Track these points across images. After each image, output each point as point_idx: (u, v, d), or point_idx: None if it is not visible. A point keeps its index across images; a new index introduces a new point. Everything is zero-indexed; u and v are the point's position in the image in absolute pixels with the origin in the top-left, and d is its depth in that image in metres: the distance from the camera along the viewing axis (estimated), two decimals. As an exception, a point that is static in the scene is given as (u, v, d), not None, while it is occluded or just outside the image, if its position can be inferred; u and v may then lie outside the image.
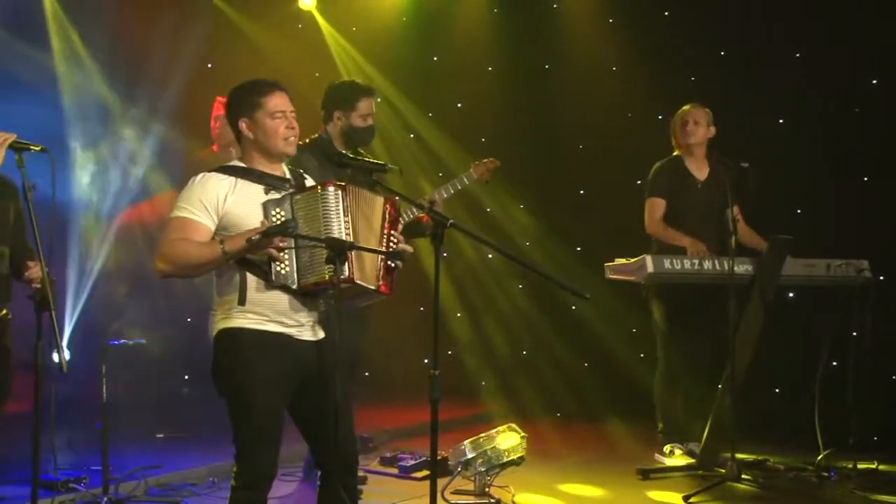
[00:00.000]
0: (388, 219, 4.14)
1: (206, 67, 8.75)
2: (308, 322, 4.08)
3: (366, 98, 5.77)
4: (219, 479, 6.05)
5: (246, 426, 3.97)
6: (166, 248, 3.96)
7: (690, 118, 6.65)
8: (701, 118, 6.66)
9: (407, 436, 7.54)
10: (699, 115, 6.66)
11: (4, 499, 5.49)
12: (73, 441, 6.59)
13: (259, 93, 4.09)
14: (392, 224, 4.15)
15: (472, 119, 9.44)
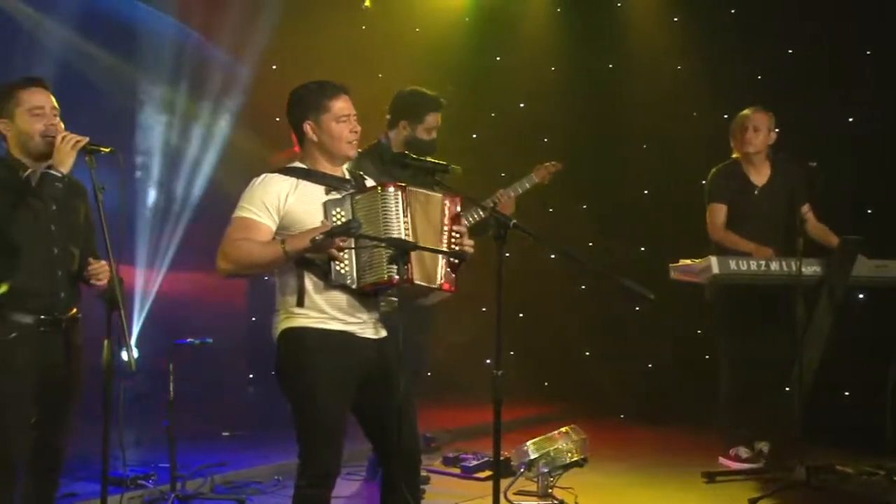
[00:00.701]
0: (448, 214, 4.14)
1: (271, 69, 8.83)
2: (369, 320, 4.09)
3: (434, 112, 5.78)
4: (284, 478, 6.09)
5: (309, 425, 4.00)
6: (228, 248, 4.00)
7: (750, 124, 6.52)
8: (761, 123, 6.52)
9: (469, 436, 7.54)
10: (760, 120, 6.52)
11: (75, 495, 5.58)
12: (141, 438, 6.69)
13: (326, 95, 4.12)
14: (453, 220, 4.15)
15: (534, 119, 9.42)
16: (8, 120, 4.22)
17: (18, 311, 4.15)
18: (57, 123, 4.23)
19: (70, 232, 4.29)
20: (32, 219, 4.14)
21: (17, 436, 4.16)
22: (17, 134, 4.22)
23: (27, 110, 4.20)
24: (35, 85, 4.26)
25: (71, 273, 4.29)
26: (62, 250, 4.25)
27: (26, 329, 4.16)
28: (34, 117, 4.20)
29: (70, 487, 5.55)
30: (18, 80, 4.29)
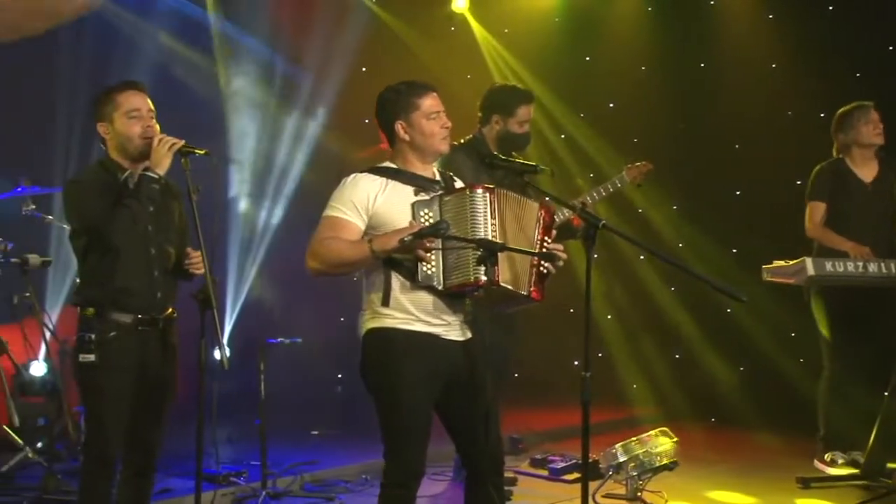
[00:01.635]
0: (542, 224, 4.12)
1: (361, 71, 8.91)
2: (455, 322, 4.09)
3: (525, 105, 5.76)
4: (371, 477, 6.14)
5: (394, 425, 4.02)
6: (317, 247, 4.03)
7: (875, 117, 6.41)
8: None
9: (557, 438, 7.50)
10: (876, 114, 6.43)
11: (170, 490, 5.69)
12: (233, 436, 6.80)
13: (415, 94, 4.13)
14: (546, 230, 4.12)
15: (624, 119, 9.34)
16: (107, 123, 4.32)
17: (117, 310, 4.25)
18: (153, 126, 4.32)
19: (166, 232, 4.38)
20: (130, 220, 4.22)
21: (115, 432, 4.26)
22: (115, 136, 4.31)
23: (125, 113, 4.29)
24: (132, 88, 4.35)
25: (167, 273, 4.37)
26: (159, 250, 4.34)
27: (125, 328, 4.25)
28: (132, 120, 4.28)
29: (165, 483, 5.67)
30: (117, 84, 4.38)
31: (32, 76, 7.47)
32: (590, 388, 3.83)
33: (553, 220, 4.18)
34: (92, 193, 4.23)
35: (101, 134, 4.34)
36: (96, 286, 4.25)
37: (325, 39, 8.57)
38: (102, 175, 4.31)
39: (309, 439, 7.28)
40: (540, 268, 4.06)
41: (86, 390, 4.33)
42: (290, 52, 8.59)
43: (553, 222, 4.18)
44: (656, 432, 5.88)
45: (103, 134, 4.34)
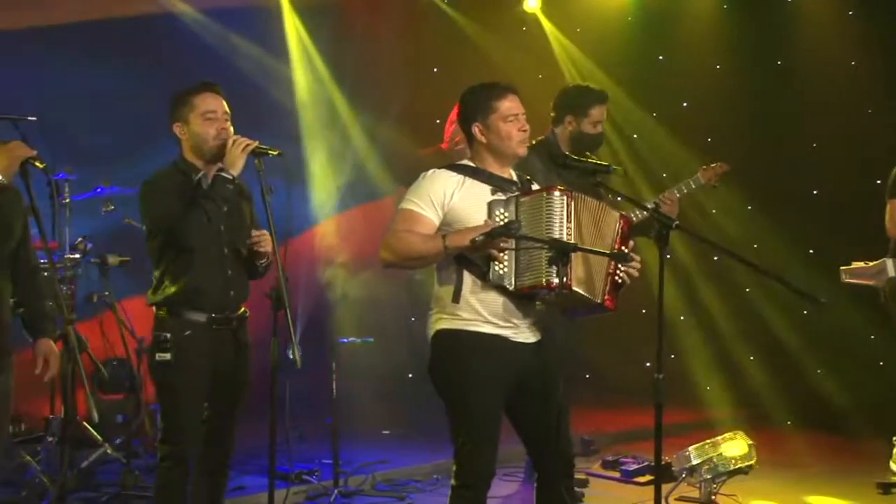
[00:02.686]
0: (620, 234, 4.09)
1: (433, 72, 8.92)
2: (523, 324, 4.08)
3: (599, 105, 5.71)
4: (442, 477, 6.15)
5: (463, 426, 4.01)
6: (391, 239, 4.05)
7: None
8: None
9: (629, 439, 7.45)
10: None
11: (243, 488, 5.76)
12: (305, 435, 6.86)
13: (493, 96, 4.12)
14: (623, 241, 4.09)
15: (698, 118, 9.23)
16: (182, 124, 4.39)
17: (192, 309, 4.31)
18: (228, 127, 4.37)
19: (238, 232, 4.43)
20: (205, 219, 4.28)
21: (190, 430, 4.32)
22: (190, 137, 4.38)
23: (200, 114, 4.35)
24: (208, 90, 4.41)
25: (240, 272, 4.43)
26: (231, 250, 4.39)
27: (199, 327, 4.31)
28: (207, 121, 4.34)
29: (239, 480, 5.74)
30: (193, 85, 4.44)
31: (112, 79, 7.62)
32: (663, 389, 3.79)
33: (630, 229, 4.15)
34: (166, 194, 4.30)
35: (177, 134, 4.41)
36: (171, 286, 4.31)
37: (397, 40, 8.61)
38: (176, 176, 4.38)
39: (380, 438, 7.31)
40: (615, 276, 4.03)
41: (161, 389, 4.41)
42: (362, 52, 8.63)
43: (630, 232, 4.14)
44: (731, 435, 5.81)
45: (179, 134, 4.41)
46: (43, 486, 5.47)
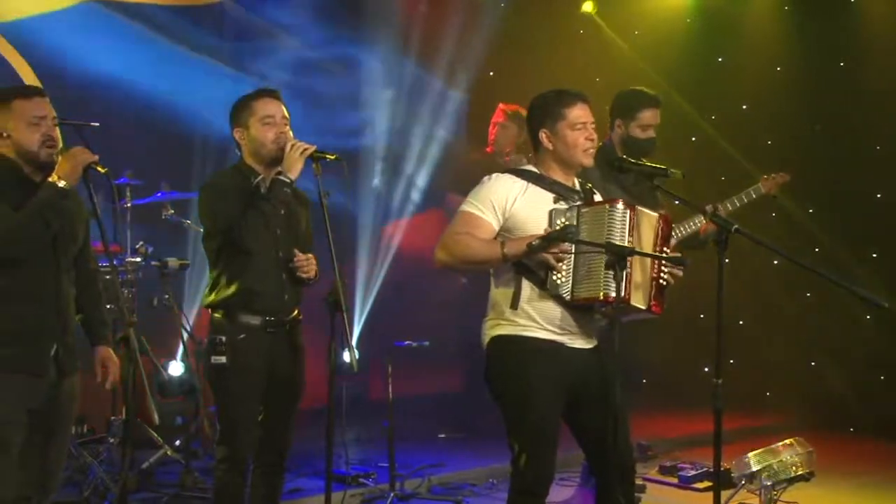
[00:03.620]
0: (660, 235, 4.07)
1: (488, 76, 8.92)
2: (579, 331, 4.06)
3: (647, 109, 5.64)
4: (498, 481, 6.14)
5: (520, 432, 4.01)
6: (449, 240, 4.05)
7: None
8: None
9: (687, 445, 7.37)
10: None
11: (300, 490, 5.79)
12: (361, 437, 6.88)
13: (562, 103, 4.11)
14: (664, 241, 4.07)
15: (757, 121, 9.13)
16: (242, 129, 4.44)
17: (246, 312, 4.35)
18: (287, 131, 4.41)
19: (294, 237, 4.47)
20: (262, 222, 4.31)
21: (247, 432, 4.36)
22: (250, 141, 4.42)
23: (259, 119, 4.39)
24: (268, 95, 4.46)
25: (294, 277, 4.46)
26: (287, 254, 4.42)
27: (254, 330, 4.35)
28: (265, 126, 4.38)
29: (295, 483, 5.77)
30: (254, 91, 4.51)
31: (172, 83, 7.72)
32: (721, 395, 3.75)
33: (670, 230, 4.12)
34: (225, 196, 4.35)
35: (237, 139, 4.47)
36: (226, 288, 4.36)
37: (454, 43, 8.62)
38: (236, 179, 4.43)
39: (436, 442, 7.32)
40: (659, 279, 4.00)
41: (218, 391, 4.45)
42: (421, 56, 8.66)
43: (670, 233, 4.12)
44: (791, 441, 5.72)
45: (238, 139, 4.46)
46: (105, 487, 5.55)
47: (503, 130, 7.41)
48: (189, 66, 7.81)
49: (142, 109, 7.45)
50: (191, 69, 7.79)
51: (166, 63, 7.66)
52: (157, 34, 7.57)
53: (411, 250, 8.22)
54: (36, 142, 3.87)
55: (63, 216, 3.87)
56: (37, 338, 3.88)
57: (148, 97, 7.50)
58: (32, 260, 3.84)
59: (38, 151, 3.87)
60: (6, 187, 3.83)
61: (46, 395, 3.89)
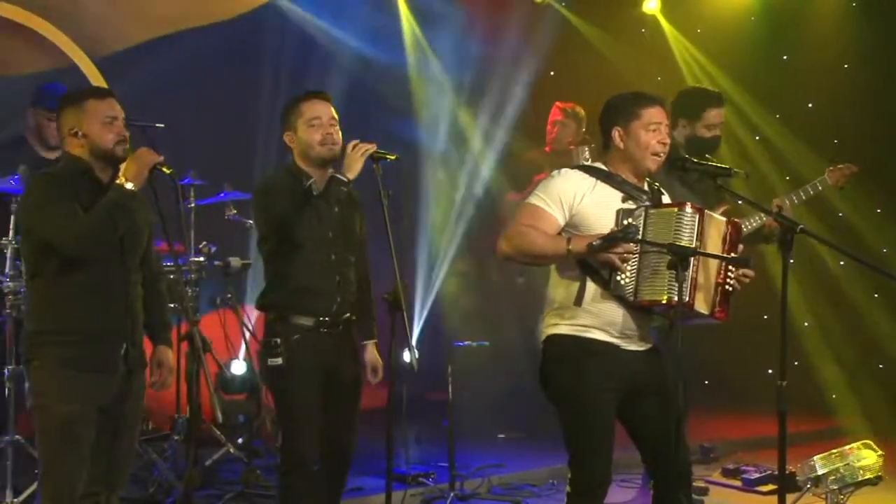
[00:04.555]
0: (728, 240, 4.03)
1: (550, 75, 8.90)
2: (636, 334, 4.03)
3: (713, 108, 5.61)
4: (558, 481, 6.11)
5: (577, 434, 4.00)
6: (513, 232, 4.03)
7: None
8: None
9: (750, 447, 7.28)
10: None
11: (361, 489, 5.82)
12: (421, 437, 6.89)
13: (639, 104, 4.08)
14: (732, 246, 4.03)
15: (823, 120, 8.99)
16: (292, 132, 4.47)
17: (299, 313, 4.38)
18: (334, 133, 4.42)
19: (348, 240, 4.49)
20: (315, 220, 4.35)
21: (308, 432, 4.37)
22: (298, 143, 4.46)
23: (306, 121, 4.42)
24: (315, 97, 4.49)
25: (348, 279, 4.47)
26: (340, 256, 4.45)
27: (307, 331, 4.37)
28: (312, 128, 4.41)
29: (356, 482, 5.79)
30: (302, 93, 4.53)
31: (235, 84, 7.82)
32: (786, 397, 3.71)
33: (739, 235, 4.07)
34: (278, 196, 4.38)
35: (287, 142, 4.51)
36: (279, 290, 4.41)
37: (515, 43, 8.61)
38: (288, 180, 4.46)
39: (496, 442, 7.30)
40: (725, 285, 3.96)
41: (276, 393, 4.49)
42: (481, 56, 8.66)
43: (739, 238, 4.06)
44: (859, 445, 5.62)
45: (288, 142, 4.50)
46: (169, 484, 5.63)
47: (563, 128, 7.39)
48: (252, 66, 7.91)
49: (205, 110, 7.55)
50: (253, 69, 7.89)
51: (228, 64, 7.76)
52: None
53: (471, 250, 8.22)
54: (111, 140, 3.94)
55: (130, 217, 3.94)
56: (106, 337, 3.94)
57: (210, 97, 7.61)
58: (101, 260, 3.91)
59: (114, 148, 3.95)
60: (78, 188, 3.90)
61: (116, 393, 3.95)
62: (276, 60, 8.02)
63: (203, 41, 7.58)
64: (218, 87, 7.78)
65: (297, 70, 7.92)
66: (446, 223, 8.50)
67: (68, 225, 3.80)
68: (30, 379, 4.00)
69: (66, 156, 4.02)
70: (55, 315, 3.92)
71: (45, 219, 3.86)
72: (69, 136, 3.96)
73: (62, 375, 3.87)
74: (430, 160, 8.65)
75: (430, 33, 8.67)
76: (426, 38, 8.68)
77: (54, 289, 3.91)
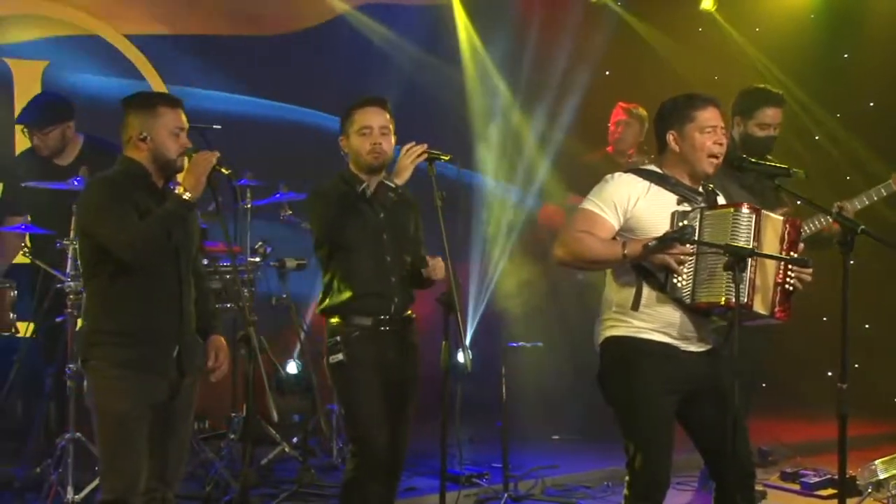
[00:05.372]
0: (787, 239, 3.97)
1: (605, 75, 8.85)
2: (695, 336, 4.00)
3: (768, 107, 5.54)
4: (613, 484, 6.08)
5: (635, 435, 3.98)
6: (568, 238, 4.03)
7: None
8: None
9: (810, 451, 7.17)
10: None
11: (415, 489, 5.84)
12: (474, 438, 6.89)
13: (693, 106, 4.05)
14: (791, 245, 3.98)
15: (885, 119, 8.83)
16: (345, 138, 4.53)
17: (357, 314, 4.43)
18: (383, 143, 4.44)
19: (402, 241, 4.51)
20: (362, 225, 4.39)
21: (375, 426, 4.37)
22: (350, 151, 4.52)
23: (357, 130, 4.47)
24: (369, 104, 4.52)
25: (404, 280, 4.50)
26: (395, 258, 4.48)
27: (366, 329, 4.42)
28: (362, 136, 4.45)
29: (410, 482, 5.81)
30: (359, 99, 4.56)
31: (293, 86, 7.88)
32: (846, 400, 3.66)
33: (798, 235, 4.02)
34: (329, 202, 4.43)
35: (342, 146, 4.55)
36: (337, 293, 4.45)
37: (570, 43, 8.58)
38: (341, 186, 4.51)
39: (550, 443, 7.28)
40: (785, 285, 3.91)
41: (340, 388, 4.53)
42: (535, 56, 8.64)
43: (798, 237, 4.01)
44: (921, 450, 5.54)
45: (343, 147, 4.56)
46: (226, 482, 5.68)
47: (627, 128, 7.36)
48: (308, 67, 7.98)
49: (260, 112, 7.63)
50: (309, 71, 7.96)
51: (285, 65, 7.84)
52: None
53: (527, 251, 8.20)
54: (175, 151, 4.00)
55: (185, 225, 3.98)
56: (159, 339, 4.00)
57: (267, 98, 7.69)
58: (155, 266, 3.96)
59: (176, 160, 4.01)
60: (136, 194, 3.95)
61: (168, 393, 4.01)
62: (332, 63, 8.07)
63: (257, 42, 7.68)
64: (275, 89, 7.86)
65: (353, 73, 7.96)
66: (501, 224, 8.49)
67: (123, 230, 3.86)
68: (87, 378, 4.07)
69: (124, 158, 4.06)
70: (110, 316, 3.98)
71: (101, 222, 3.91)
72: (136, 140, 4.00)
73: (116, 375, 3.93)
74: (485, 161, 8.64)
75: (485, 34, 8.67)
76: (481, 40, 8.68)
77: (110, 290, 3.97)
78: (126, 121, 4.06)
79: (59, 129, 6.18)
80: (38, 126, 6.16)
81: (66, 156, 6.24)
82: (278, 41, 7.95)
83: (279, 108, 7.86)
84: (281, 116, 7.78)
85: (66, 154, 6.24)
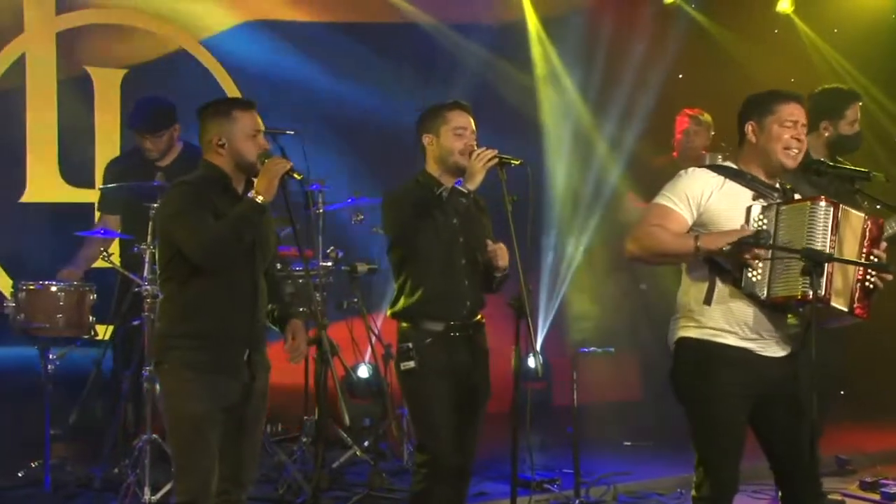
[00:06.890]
0: (867, 237, 3.89)
1: (678, 78, 8.77)
2: (772, 338, 3.94)
3: (853, 104, 5.54)
4: (686, 490, 5.97)
5: (706, 439, 3.95)
6: (641, 232, 4.00)
7: None
8: None
9: (891, 460, 7.03)
10: None
11: (485, 494, 5.83)
12: (545, 443, 6.86)
13: (776, 100, 4.02)
14: (873, 243, 3.90)
15: (970, 120, 8.64)
16: (433, 136, 4.53)
17: (428, 318, 4.43)
18: (473, 145, 4.46)
19: (476, 245, 4.51)
20: (434, 230, 4.40)
21: (445, 435, 4.38)
22: (437, 148, 4.52)
23: (452, 129, 4.48)
24: (461, 108, 4.56)
25: (476, 283, 4.50)
26: (468, 262, 4.49)
27: (438, 335, 4.42)
28: (456, 136, 4.47)
29: (480, 487, 5.80)
30: (448, 102, 4.60)
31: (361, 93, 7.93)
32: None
33: (881, 232, 3.94)
34: (404, 206, 4.44)
35: (424, 144, 4.56)
36: (409, 297, 4.46)
37: (642, 45, 8.52)
38: (417, 190, 4.52)
39: (622, 450, 7.22)
40: (866, 282, 3.83)
41: (411, 396, 4.53)
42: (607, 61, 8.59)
43: (880, 234, 3.93)
44: None
45: (426, 145, 4.55)
46: (298, 485, 5.73)
47: (692, 136, 7.24)
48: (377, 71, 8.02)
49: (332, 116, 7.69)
50: (378, 75, 8.00)
51: (357, 70, 7.89)
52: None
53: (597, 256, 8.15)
54: (255, 153, 4.05)
55: (258, 229, 4.02)
56: (232, 343, 4.04)
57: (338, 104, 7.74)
58: (229, 269, 4.00)
59: (256, 162, 4.05)
60: (213, 198, 4.01)
61: (240, 395, 4.04)
62: (402, 67, 8.11)
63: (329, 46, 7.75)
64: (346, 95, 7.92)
65: (423, 77, 7.99)
66: (571, 228, 8.45)
67: (197, 234, 3.91)
68: (160, 380, 4.13)
69: (204, 164, 4.12)
70: (184, 319, 4.04)
71: (178, 226, 3.97)
72: (215, 145, 4.06)
73: (188, 377, 3.98)
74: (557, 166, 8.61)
75: (556, 37, 8.65)
76: (552, 42, 8.66)
77: (184, 293, 4.02)
78: (203, 128, 4.12)
79: (169, 132, 6.33)
80: (152, 130, 6.29)
81: (166, 158, 6.36)
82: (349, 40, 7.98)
83: (353, 111, 7.90)
84: (355, 118, 7.83)
85: (167, 156, 6.37)
